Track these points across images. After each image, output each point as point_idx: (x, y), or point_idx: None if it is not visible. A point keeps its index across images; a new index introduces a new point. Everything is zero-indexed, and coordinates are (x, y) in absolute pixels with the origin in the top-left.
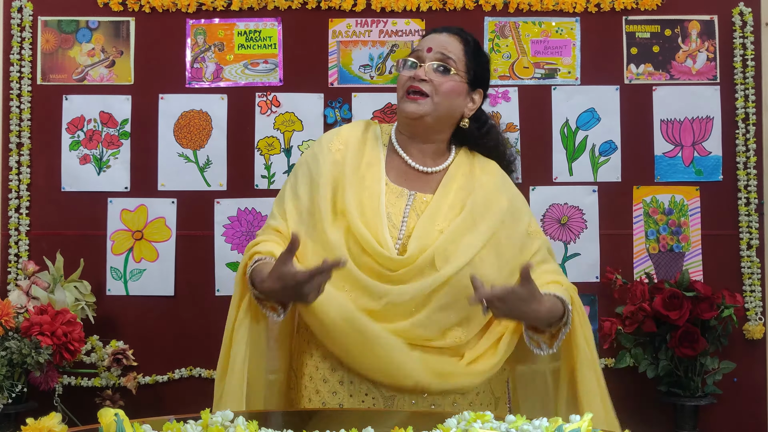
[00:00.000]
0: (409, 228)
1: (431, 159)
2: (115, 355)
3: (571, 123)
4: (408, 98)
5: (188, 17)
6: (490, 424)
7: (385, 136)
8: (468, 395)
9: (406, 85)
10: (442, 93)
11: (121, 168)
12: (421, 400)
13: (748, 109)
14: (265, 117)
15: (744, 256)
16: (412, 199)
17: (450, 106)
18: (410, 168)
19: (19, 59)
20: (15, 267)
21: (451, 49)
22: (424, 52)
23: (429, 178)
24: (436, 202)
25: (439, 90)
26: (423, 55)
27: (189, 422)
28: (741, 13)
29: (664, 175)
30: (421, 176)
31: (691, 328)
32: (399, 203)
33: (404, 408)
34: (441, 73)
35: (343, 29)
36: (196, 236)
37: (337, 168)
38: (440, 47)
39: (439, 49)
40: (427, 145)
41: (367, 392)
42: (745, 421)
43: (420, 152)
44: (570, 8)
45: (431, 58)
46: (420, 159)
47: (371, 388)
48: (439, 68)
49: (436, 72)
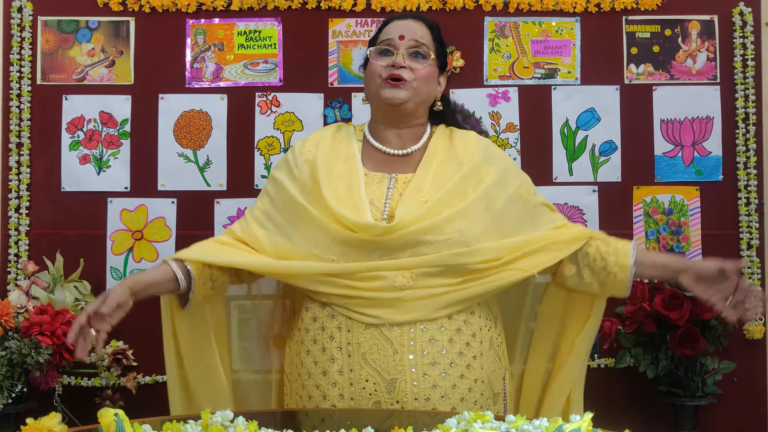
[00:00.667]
0: (392, 207)
1: (411, 142)
2: (115, 355)
3: (571, 123)
4: (389, 83)
5: (188, 17)
6: (490, 424)
7: (358, 132)
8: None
9: (385, 72)
10: (420, 78)
11: (121, 168)
12: (422, 381)
13: (748, 109)
14: (265, 117)
15: (744, 256)
16: (393, 181)
17: (428, 91)
18: (387, 155)
19: (19, 59)
20: (15, 267)
21: (421, 35)
22: (396, 39)
23: (408, 159)
24: (417, 178)
25: (418, 75)
26: (396, 42)
27: (189, 422)
28: (741, 13)
29: (664, 175)
30: (399, 159)
31: (691, 328)
32: (380, 188)
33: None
34: (417, 59)
35: (343, 29)
36: (196, 236)
37: (312, 168)
38: (412, 34)
39: (411, 36)
40: (405, 130)
41: (367, 378)
42: (745, 421)
43: (398, 137)
44: (570, 8)
45: (405, 45)
46: (398, 144)
47: (371, 374)
48: (414, 54)
49: (412, 58)
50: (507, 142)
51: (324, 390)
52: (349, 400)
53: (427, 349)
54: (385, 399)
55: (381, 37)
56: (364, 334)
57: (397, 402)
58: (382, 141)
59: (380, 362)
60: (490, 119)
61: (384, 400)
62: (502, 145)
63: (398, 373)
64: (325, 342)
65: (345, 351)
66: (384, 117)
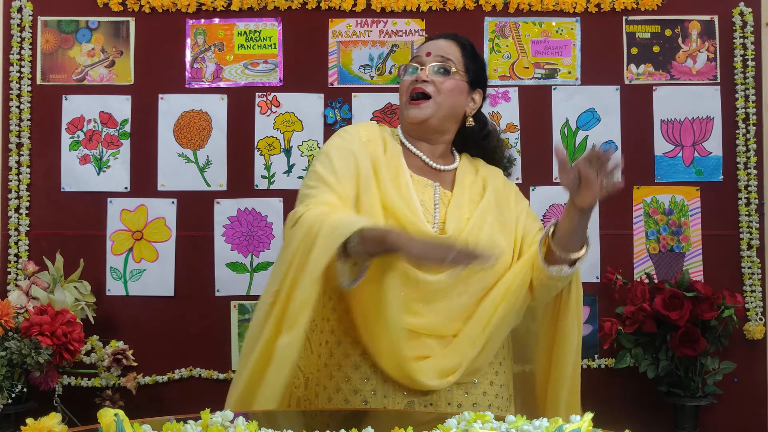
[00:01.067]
0: (441, 215)
1: (441, 159)
2: (115, 355)
3: (571, 123)
4: (411, 104)
5: (188, 17)
6: (490, 424)
7: (396, 136)
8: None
9: (410, 88)
10: (444, 92)
11: (121, 168)
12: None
13: (749, 109)
14: (265, 117)
15: (744, 256)
16: (439, 190)
17: (453, 105)
18: (426, 165)
19: (19, 59)
20: (15, 267)
21: (449, 52)
22: (424, 56)
23: (444, 175)
24: (457, 195)
25: (441, 89)
26: (423, 59)
27: (189, 422)
28: (741, 13)
29: (664, 175)
30: (437, 173)
31: (692, 328)
32: (427, 192)
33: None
34: (441, 74)
35: (343, 29)
36: (196, 236)
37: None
38: (439, 51)
39: (438, 53)
40: (434, 146)
41: (386, 395)
42: (745, 421)
43: (430, 152)
44: (570, 8)
45: (431, 61)
46: (432, 158)
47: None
48: (439, 70)
49: (437, 74)
50: (507, 142)
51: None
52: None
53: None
54: (420, 400)
55: (413, 55)
56: None
57: (431, 404)
58: (420, 150)
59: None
60: (490, 119)
61: (418, 401)
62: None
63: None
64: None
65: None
66: (411, 133)
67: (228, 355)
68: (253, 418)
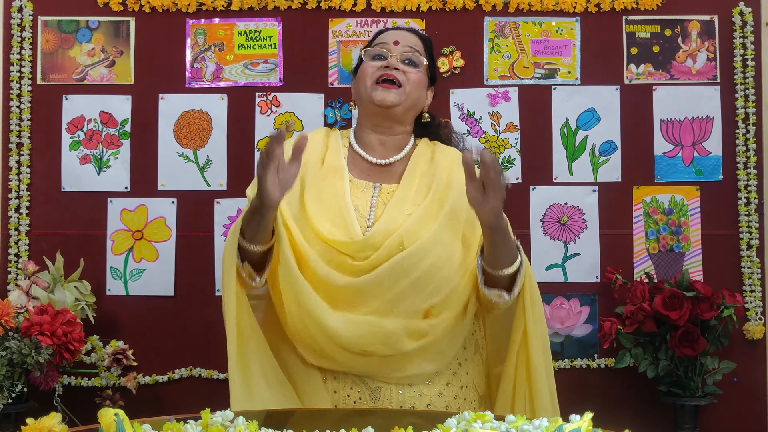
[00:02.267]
0: (376, 217)
1: (393, 151)
2: (115, 355)
3: (571, 123)
4: (380, 86)
5: (188, 17)
6: (490, 424)
7: (345, 139)
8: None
9: (377, 74)
10: (411, 83)
11: (121, 168)
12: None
13: (748, 109)
14: (265, 117)
15: (744, 256)
16: (378, 191)
17: (417, 98)
18: (372, 164)
19: (19, 59)
20: (15, 267)
21: (415, 43)
22: (391, 44)
23: (391, 169)
24: (402, 190)
25: (410, 80)
26: (390, 47)
27: (189, 422)
28: (741, 13)
29: (664, 175)
30: (383, 169)
31: (691, 328)
32: (365, 196)
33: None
34: (409, 65)
35: (343, 29)
36: (196, 236)
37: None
38: (407, 41)
39: (406, 43)
40: (390, 138)
41: (351, 386)
42: (745, 421)
43: (382, 145)
44: (570, 8)
45: (400, 50)
46: (381, 153)
47: (356, 381)
48: (406, 61)
49: (405, 63)
50: (507, 142)
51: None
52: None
53: None
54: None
55: (375, 43)
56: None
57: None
58: (366, 148)
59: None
60: (490, 119)
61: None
62: (502, 145)
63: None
64: None
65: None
66: (371, 120)
67: None
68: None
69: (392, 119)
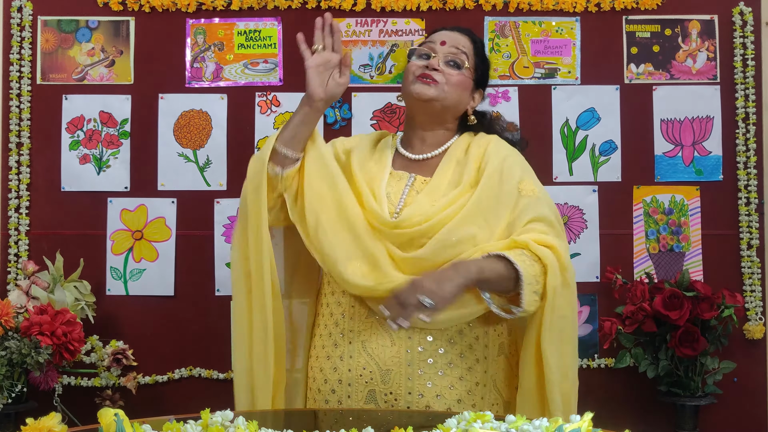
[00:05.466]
0: (406, 203)
1: (432, 147)
2: (115, 355)
3: (571, 123)
4: (418, 80)
5: (188, 17)
6: (490, 424)
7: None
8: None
9: (417, 72)
10: (452, 84)
11: (121, 168)
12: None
13: (748, 108)
14: (265, 117)
15: (744, 256)
16: (412, 181)
17: (458, 98)
18: (410, 160)
19: (18, 59)
20: (15, 267)
21: (464, 45)
22: (438, 44)
23: (428, 163)
24: (434, 181)
25: (450, 80)
26: (436, 47)
27: (189, 422)
28: (741, 12)
29: (664, 174)
30: (421, 163)
31: (691, 328)
32: (399, 185)
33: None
34: (452, 67)
35: (342, 29)
36: (196, 236)
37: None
38: (454, 42)
39: (453, 44)
40: (429, 133)
41: (365, 366)
42: (745, 421)
43: (422, 142)
44: (570, 8)
45: (445, 51)
46: (420, 149)
47: (368, 362)
48: (450, 62)
49: (448, 65)
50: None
51: (326, 374)
52: (347, 385)
53: (425, 346)
54: (380, 388)
55: (425, 41)
56: (365, 323)
57: (390, 393)
58: (408, 146)
59: (378, 352)
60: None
61: (379, 390)
62: None
63: (394, 364)
64: (332, 328)
65: (347, 338)
66: (412, 113)
67: (228, 355)
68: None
69: (431, 114)
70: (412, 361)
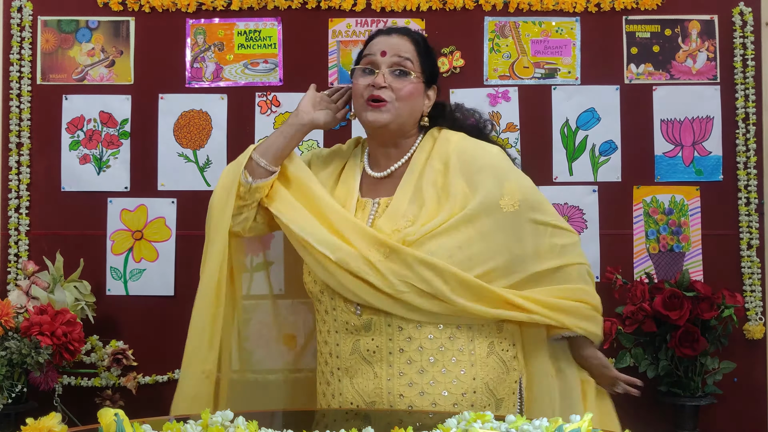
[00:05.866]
0: None
1: (395, 160)
2: (115, 355)
3: (571, 123)
4: (369, 106)
5: (188, 17)
6: (490, 424)
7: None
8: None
9: (366, 93)
10: (402, 98)
11: (121, 168)
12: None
13: (748, 108)
14: (265, 117)
15: (744, 256)
16: (376, 207)
17: (411, 110)
18: (377, 179)
19: (18, 59)
20: (15, 267)
21: (405, 50)
22: (378, 56)
23: (391, 179)
24: (394, 202)
25: (399, 95)
26: (377, 59)
27: (189, 422)
28: (741, 12)
29: (664, 175)
30: (383, 182)
31: (691, 328)
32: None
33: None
34: (399, 77)
35: (343, 29)
36: (196, 236)
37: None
38: (395, 50)
39: (394, 52)
40: (393, 148)
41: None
42: (745, 421)
43: (386, 158)
44: (570, 8)
45: (387, 62)
46: (384, 164)
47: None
48: (396, 72)
49: (394, 76)
50: (507, 142)
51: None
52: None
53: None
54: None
55: (365, 53)
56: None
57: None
58: (374, 165)
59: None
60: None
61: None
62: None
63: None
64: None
65: (336, 376)
66: (370, 136)
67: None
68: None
69: (388, 135)
70: (392, 389)
